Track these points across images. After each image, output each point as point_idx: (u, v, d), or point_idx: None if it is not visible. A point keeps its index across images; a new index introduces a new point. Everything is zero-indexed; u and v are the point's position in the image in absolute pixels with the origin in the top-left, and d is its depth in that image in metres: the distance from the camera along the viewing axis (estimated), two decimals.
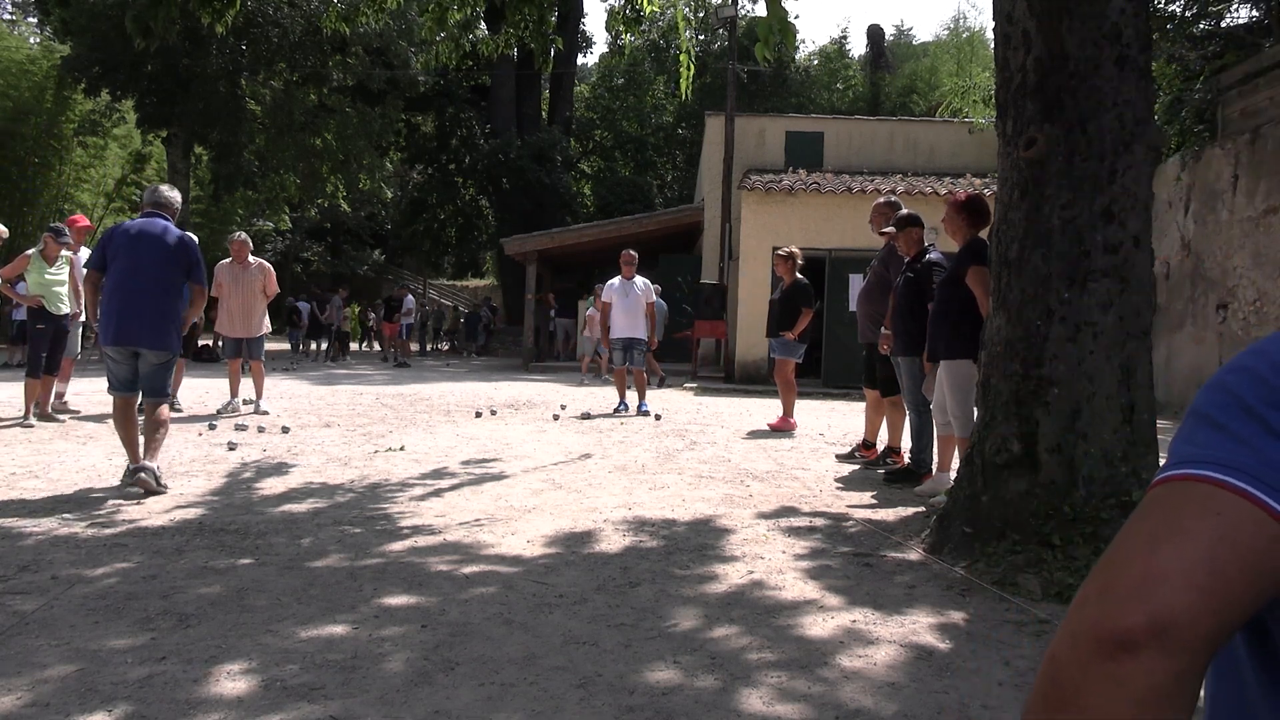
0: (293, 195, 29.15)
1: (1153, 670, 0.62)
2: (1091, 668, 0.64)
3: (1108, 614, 0.64)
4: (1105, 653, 0.63)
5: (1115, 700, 0.62)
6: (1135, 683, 0.62)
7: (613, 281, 9.78)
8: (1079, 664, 0.64)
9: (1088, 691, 0.64)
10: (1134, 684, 0.62)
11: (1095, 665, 0.63)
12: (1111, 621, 0.63)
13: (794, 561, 3.68)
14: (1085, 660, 0.64)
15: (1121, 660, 0.62)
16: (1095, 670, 0.63)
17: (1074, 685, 0.64)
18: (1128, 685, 0.62)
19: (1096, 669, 0.63)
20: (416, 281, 36.48)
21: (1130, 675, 0.62)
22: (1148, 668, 0.62)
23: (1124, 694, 0.62)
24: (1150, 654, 0.62)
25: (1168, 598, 0.62)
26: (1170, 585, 0.63)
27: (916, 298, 5.49)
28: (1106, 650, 0.63)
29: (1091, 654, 0.64)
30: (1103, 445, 3.49)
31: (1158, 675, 0.62)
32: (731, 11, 19.32)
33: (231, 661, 2.45)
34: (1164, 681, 0.62)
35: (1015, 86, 3.73)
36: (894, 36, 44.03)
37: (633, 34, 7.14)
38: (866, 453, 6.50)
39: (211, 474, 5.28)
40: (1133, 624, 0.62)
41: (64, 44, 23.08)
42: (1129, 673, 0.62)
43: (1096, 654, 0.64)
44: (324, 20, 7.54)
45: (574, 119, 34.41)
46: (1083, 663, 0.64)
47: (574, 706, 2.23)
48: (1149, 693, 0.62)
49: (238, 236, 8.71)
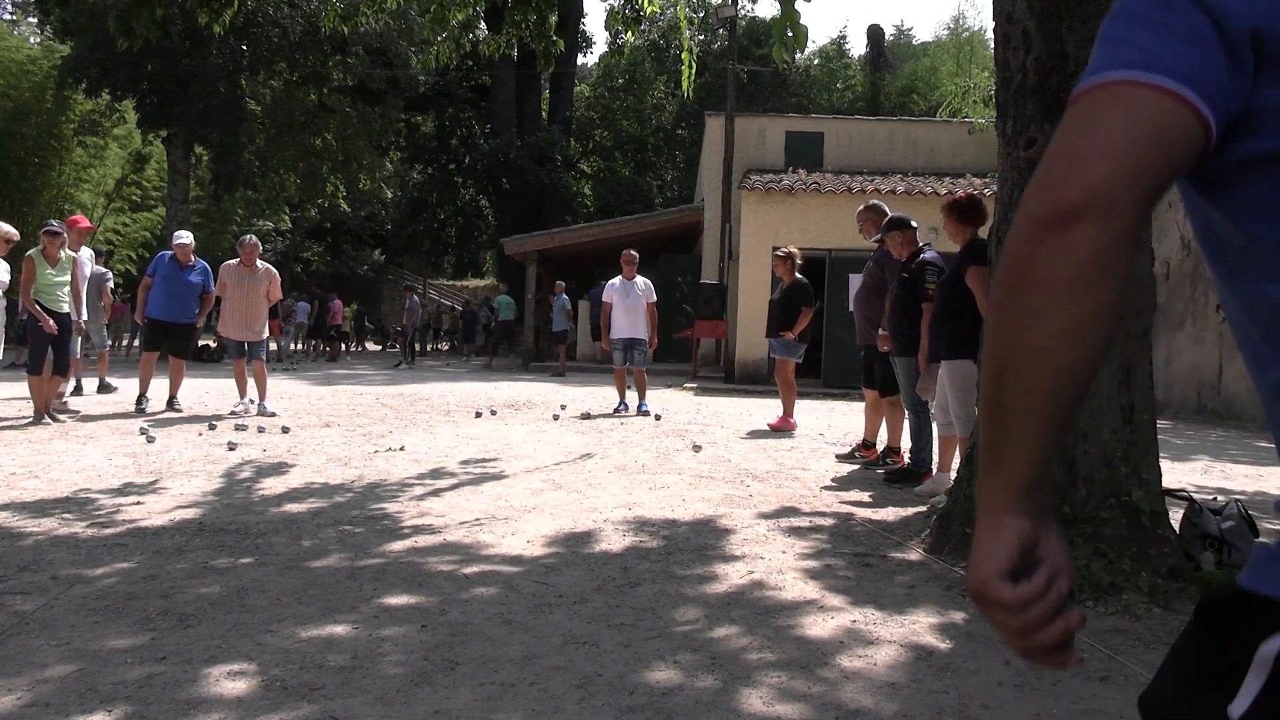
0: (293, 195, 29.14)
1: (1091, 235, 0.72)
2: (1038, 246, 0.74)
3: (1046, 199, 0.74)
4: (1049, 229, 0.73)
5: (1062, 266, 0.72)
6: (1078, 249, 0.72)
7: (613, 281, 9.77)
8: (1028, 245, 0.74)
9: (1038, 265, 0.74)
10: (1076, 250, 0.72)
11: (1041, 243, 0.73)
12: (1051, 203, 0.73)
13: (794, 561, 3.68)
14: (1033, 241, 0.74)
15: (1062, 232, 0.72)
16: (1042, 248, 0.73)
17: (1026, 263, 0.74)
18: (1071, 252, 0.72)
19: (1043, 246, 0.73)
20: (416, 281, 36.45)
21: (1073, 243, 0.72)
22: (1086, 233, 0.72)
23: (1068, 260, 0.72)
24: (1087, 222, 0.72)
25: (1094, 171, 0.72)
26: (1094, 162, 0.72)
27: (912, 298, 5.50)
28: (1050, 227, 0.73)
29: (1037, 234, 0.74)
30: (1102, 445, 3.49)
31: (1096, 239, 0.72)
32: (731, 11, 19.33)
33: (231, 661, 2.45)
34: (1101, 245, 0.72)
35: (1015, 86, 3.72)
36: (894, 36, 44.02)
37: (633, 34, 7.14)
38: (866, 453, 6.50)
39: (211, 474, 5.28)
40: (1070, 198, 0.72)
41: (64, 44, 23.07)
42: (1071, 242, 0.72)
43: (1042, 232, 0.73)
44: (324, 20, 7.54)
45: (574, 119, 34.36)
46: (1031, 243, 0.74)
47: (574, 706, 2.23)
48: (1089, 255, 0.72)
49: (249, 240, 8.73)
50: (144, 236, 25.54)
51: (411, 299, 19.87)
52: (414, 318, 19.70)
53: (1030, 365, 0.74)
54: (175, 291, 8.38)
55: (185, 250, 8.44)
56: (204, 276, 8.59)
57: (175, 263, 8.41)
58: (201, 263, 8.66)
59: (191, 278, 8.48)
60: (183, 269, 8.43)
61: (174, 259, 8.42)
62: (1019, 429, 0.76)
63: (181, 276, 8.41)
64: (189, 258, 8.47)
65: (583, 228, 20.68)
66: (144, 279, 8.59)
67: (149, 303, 8.38)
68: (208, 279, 8.62)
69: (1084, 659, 0.91)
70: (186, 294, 8.46)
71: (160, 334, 8.47)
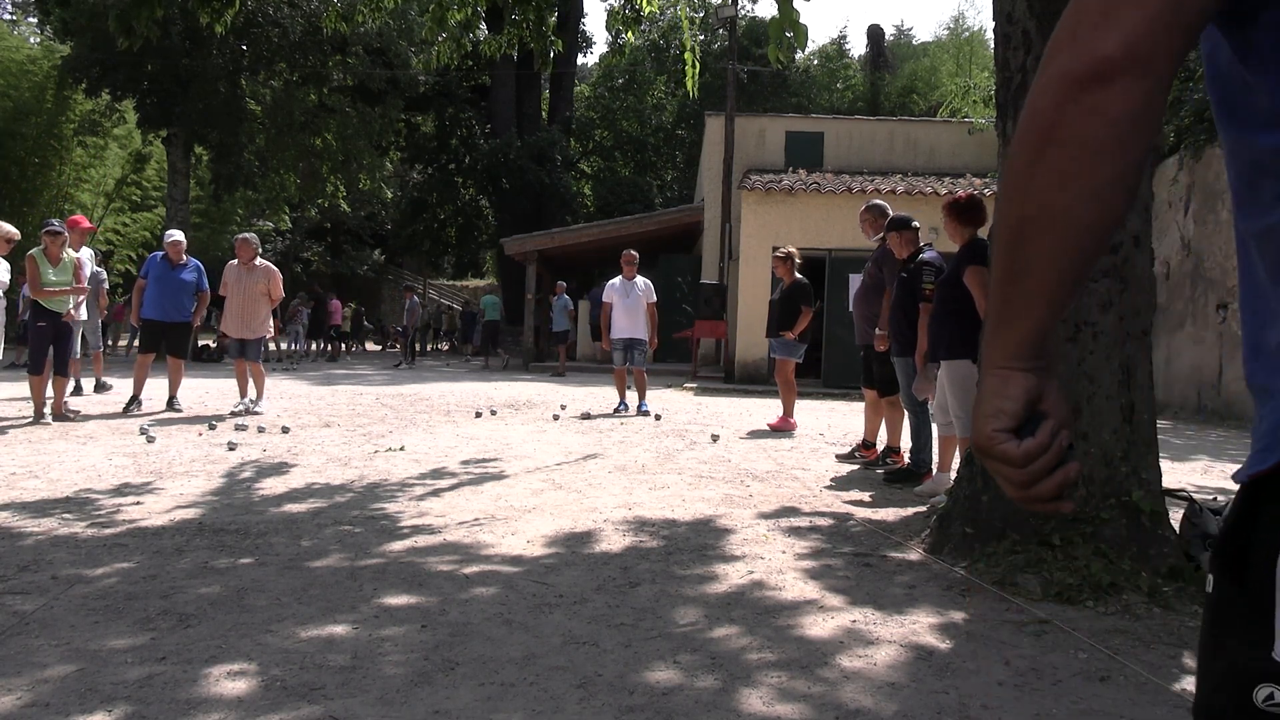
0: (293, 195, 29.15)
1: (1127, 92, 0.68)
2: (1070, 104, 0.70)
3: (1081, 53, 0.70)
4: (1082, 87, 0.69)
5: (1095, 126, 0.69)
6: (1112, 108, 0.69)
7: (613, 281, 9.77)
8: (1058, 105, 0.70)
9: (1069, 125, 0.70)
10: (1111, 109, 0.69)
11: (1074, 102, 0.70)
12: (1087, 57, 0.69)
13: (794, 561, 3.68)
14: (1064, 98, 0.70)
15: (1097, 90, 0.69)
16: (1074, 107, 0.70)
17: (1055, 122, 0.71)
18: (1105, 112, 0.69)
19: (1075, 105, 0.69)
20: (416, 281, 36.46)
21: (1107, 102, 0.69)
22: (1123, 91, 0.68)
23: (1103, 119, 0.69)
24: (1124, 79, 0.68)
25: (1130, 20, 0.68)
26: (1129, 9, 0.68)
27: (911, 298, 5.50)
28: (1084, 84, 0.69)
29: (1070, 92, 0.70)
30: (1103, 445, 3.49)
31: (1132, 97, 0.68)
32: (731, 11, 19.34)
33: (231, 661, 2.45)
34: (1137, 103, 0.69)
35: (1015, 86, 3.73)
36: (894, 36, 44.02)
37: (633, 34, 7.14)
38: (866, 453, 6.50)
39: (211, 474, 5.28)
40: (1108, 53, 0.68)
41: (64, 44, 23.07)
42: (1106, 100, 0.69)
43: (1075, 90, 0.69)
44: (324, 20, 7.54)
45: (574, 119, 34.38)
46: (1062, 103, 0.70)
47: (574, 706, 2.23)
48: (1124, 115, 0.69)
49: (239, 236, 8.77)
50: (144, 236, 25.54)
51: (411, 299, 19.87)
52: (414, 318, 19.70)
53: (1054, 225, 0.73)
54: (169, 291, 8.37)
55: (176, 248, 8.43)
56: (197, 274, 8.59)
57: (167, 262, 8.39)
58: (194, 260, 8.66)
59: (184, 276, 8.47)
60: (175, 268, 8.41)
61: (165, 258, 8.41)
62: (1037, 287, 0.76)
63: (174, 275, 8.40)
64: (181, 256, 8.46)
65: (583, 228, 20.68)
66: (137, 281, 8.59)
67: (144, 304, 8.39)
68: (201, 276, 8.62)
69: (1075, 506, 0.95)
70: (180, 293, 8.45)
71: (157, 335, 8.47)
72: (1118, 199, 0.72)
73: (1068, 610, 3.08)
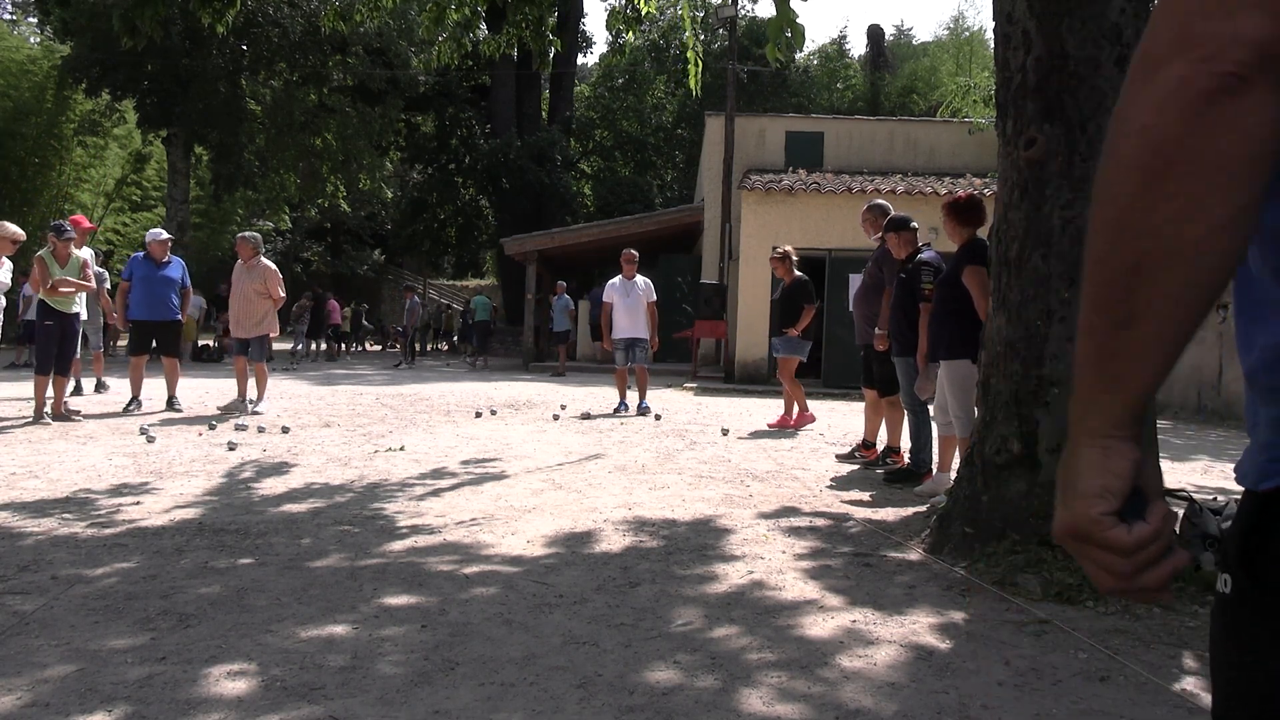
0: (293, 195, 29.16)
1: (1264, 103, 0.58)
2: (1195, 120, 0.59)
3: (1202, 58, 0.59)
4: (1209, 100, 0.58)
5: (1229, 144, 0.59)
6: (1247, 122, 0.59)
7: (614, 281, 9.77)
8: (1181, 123, 0.60)
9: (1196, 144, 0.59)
10: (1245, 124, 0.59)
11: (1201, 116, 0.59)
12: (1210, 64, 0.59)
13: (794, 561, 3.68)
14: (1188, 114, 0.59)
15: (1227, 102, 0.58)
16: (1201, 123, 0.59)
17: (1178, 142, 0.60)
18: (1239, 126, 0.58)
19: (1202, 121, 0.59)
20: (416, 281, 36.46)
21: (1240, 115, 0.58)
22: (1259, 100, 0.58)
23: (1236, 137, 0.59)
24: (1259, 86, 0.58)
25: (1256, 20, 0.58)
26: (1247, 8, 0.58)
27: (910, 298, 5.50)
28: (1211, 97, 0.58)
29: (1193, 104, 0.59)
30: None
31: (1267, 107, 0.58)
32: (731, 11, 19.33)
33: (231, 661, 2.45)
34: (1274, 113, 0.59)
35: (1015, 86, 3.72)
36: (894, 36, 44.02)
37: (633, 33, 7.14)
38: (866, 453, 6.50)
39: (211, 474, 5.28)
40: (1236, 58, 0.58)
41: (64, 44, 23.08)
42: (1238, 113, 0.58)
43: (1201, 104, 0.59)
44: (322, 19, 7.54)
45: (574, 119, 34.36)
46: (1185, 117, 0.59)
47: (574, 706, 2.23)
48: (1260, 127, 0.59)
49: (240, 235, 8.81)
50: (144, 237, 25.54)
51: (412, 299, 19.87)
52: (414, 318, 19.70)
53: (1182, 261, 0.62)
54: (155, 290, 8.34)
55: (159, 246, 8.39)
56: (181, 271, 8.58)
57: (150, 261, 8.36)
58: (176, 259, 8.65)
59: (169, 273, 8.44)
60: (159, 266, 8.38)
61: (148, 257, 8.37)
62: (1158, 334, 0.65)
63: (159, 274, 8.37)
64: (164, 253, 8.43)
65: (583, 228, 20.68)
66: (121, 283, 8.56)
67: (130, 306, 8.36)
68: (185, 273, 8.62)
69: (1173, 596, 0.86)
70: (166, 291, 8.41)
71: (147, 335, 8.45)
72: (1250, 223, 0.62)
73: (1068, 610, 3.08)
